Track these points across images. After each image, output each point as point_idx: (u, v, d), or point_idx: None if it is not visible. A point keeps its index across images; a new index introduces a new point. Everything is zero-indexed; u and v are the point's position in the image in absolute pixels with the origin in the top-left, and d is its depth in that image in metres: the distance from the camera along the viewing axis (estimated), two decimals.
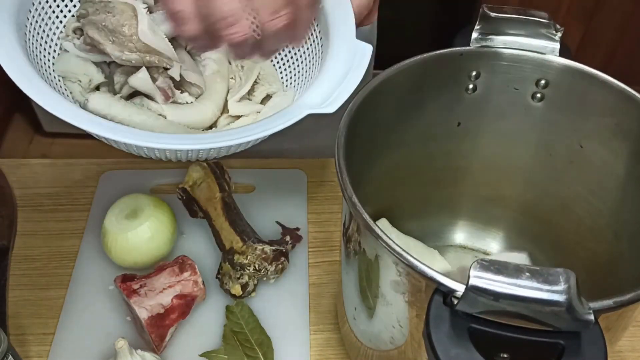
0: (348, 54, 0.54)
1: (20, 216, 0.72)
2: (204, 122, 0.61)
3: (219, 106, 0.63)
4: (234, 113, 0.63)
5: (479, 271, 0.34)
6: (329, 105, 0.50)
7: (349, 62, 0.53)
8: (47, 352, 0.60)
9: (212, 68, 0.64)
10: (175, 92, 0.61)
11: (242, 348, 0.59)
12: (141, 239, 0.63)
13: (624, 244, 0.53)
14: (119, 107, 0.56)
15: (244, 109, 0.63)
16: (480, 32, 0.52)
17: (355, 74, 0.52)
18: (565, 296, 0.32)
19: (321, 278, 0.67)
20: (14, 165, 0.77)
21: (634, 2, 1.73)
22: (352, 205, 0.42)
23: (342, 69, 0.53)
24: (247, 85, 0.64)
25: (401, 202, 0.62)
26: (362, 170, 0.51)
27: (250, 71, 0.65)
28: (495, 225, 0.66)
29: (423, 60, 0.52)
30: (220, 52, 0.63)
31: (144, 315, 0.58)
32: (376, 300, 0.46)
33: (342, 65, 0.54)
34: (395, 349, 0.47)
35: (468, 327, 0.36)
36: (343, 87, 0.51)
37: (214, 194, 0.68)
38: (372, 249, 0.43)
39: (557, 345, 0.35)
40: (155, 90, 0.58)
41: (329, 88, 0.52)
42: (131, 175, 0.76)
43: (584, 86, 0.51)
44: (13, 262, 0.68)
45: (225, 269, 0.63)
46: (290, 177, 0.77)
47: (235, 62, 0.66)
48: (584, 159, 0.55)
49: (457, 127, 0.58)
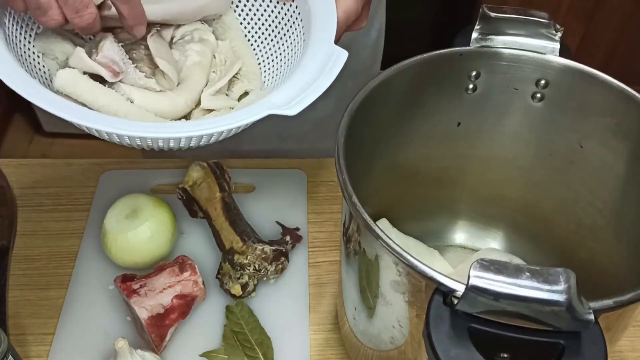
0: (323, 59, 0.53)
1: (20, 216, 0.72)
2: (174, 112, 0.60)
3: (194, 98, 0.62)
4: (206, 106, 0.62)
5: (479, 271, 0.34)
6: (292, 108, 0.49)
7: (322, 67, 0.53)
8: (47, 352, 0.60)
9: (193, 59, 0.63)
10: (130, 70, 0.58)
11: (242, 348, 0.59)
12: (141, 239, 0.63)
13: (624, 244, 0.53)
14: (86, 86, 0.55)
15: (217, 104, 0.62)
16: (480, 32, 0.52)
17: (325, 79, 0.51)
18: (565, 296, 0.32)
19: (321, 278, 0.67)
20: (14, 165, 0.77)
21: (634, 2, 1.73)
22: (352, 205, 0.42)
23: (314, 73, 0.52)
24: (224, 80, 0.63)
25: (401, 202, 0.62)
26: (362, 170, 0.51)
27: (230, 66, 0.64)
28: (495, 225, 0.66)
29: (423, 60, 0.52)
30: (204, 44, 0.63)
31: (144, 315, 0.58)
32: (376, 300, 0.46)
33: (315, 68, 0.53)
34: (395, 349, 0.47)
35: (468, 327, 0.35)
36: (310, 91, 0.50)
37: (214, 194, 0.68)
38: (372, 249, 0.43)
39: (557, 345, 0.35)
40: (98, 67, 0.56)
41: (296, 90, 0.51)
42: (131, 175, 0.76)
43: (584, 86, 0.51)
44: (13, 262, 0.68)
45: (225, 269, 0.63)
46: (290, 177, 0.76)
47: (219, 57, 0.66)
48: (584, 159, 0.55)
49: (457, 127, 0.58)
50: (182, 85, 0.61)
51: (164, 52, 0.61)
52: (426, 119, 0.56)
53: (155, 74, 0.61)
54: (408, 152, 0.58)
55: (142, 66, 0.61)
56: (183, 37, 0.64)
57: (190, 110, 0.61)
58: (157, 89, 0.59)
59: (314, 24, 0.57)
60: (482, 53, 0.52)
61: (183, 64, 0.62)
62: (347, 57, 0.52)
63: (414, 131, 0.57)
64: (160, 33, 0.63)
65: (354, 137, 0.47)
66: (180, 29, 0.64)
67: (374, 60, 0.90)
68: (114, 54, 0.58)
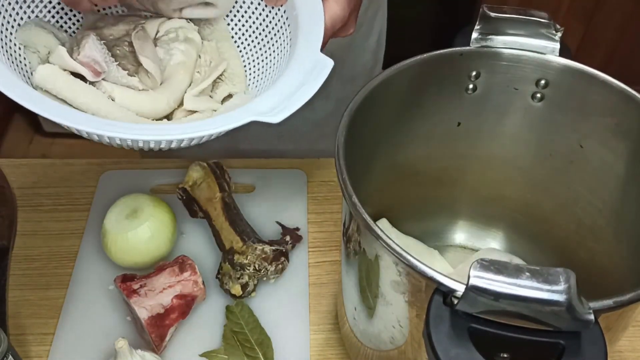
0: (308, 67, 0.53)
1: (20, 216, 0.72)
2: (156, 111, 0.60)
3: (176, 98, 0.61)
4: (189, 107, 0.61)
5: (479, 271, 0.34)
6: (275, 115, 0.49)
7: (307, 74, 0.52)
8: (47, 352, 0.60)
9: (177, 59, 0.62)
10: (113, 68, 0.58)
11: (242, 348, 0.59)
12: (141, 239, 0.63)
13: (624, 244, 0.53)
14: (65, 83, 0.54)
15: (199, 105, 0.61)
16: (480, 32, 0.52)
17: (309, 87, 0.51)
18: (565, 296, 0.32)
19: (321, 278, 0.67)
20: (14, 165, 0.77)
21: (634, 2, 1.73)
22: (352, 205, 0.42)
23: (298, 80, 0.52)
24: (208, 81, 0.63)
25: (401, 202, 0.62)
26: (362, 170, 0.51)
27: (215, 67, 0.64)
28: (495, 225, 0.66)
29: (423, 60, 0.52)
30: (189, 44, 0.63)
31: (144, 315, 0.58)
32: (376, 300, 0.46)
33: (300, 76, 0.52)
34: (395, 349, 0.47)
35: (468, 327, 0.35)
36: (294, 99, 0.50)
37: (214, 194, 0.68)
38: (372, 249, 0.43)
39: (557, 345, 0.35)
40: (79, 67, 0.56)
41: (280, 97, 0.51)
42: (131, 175, 0.76)
43: (584, 86, 0.51)
44: (13, 262, 0.68)
45: (225, 269, 0.63)
46: (290, 177, 0.76)
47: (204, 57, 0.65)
48: (584, 159, 0.55)
49: (457, 127, 0.58)
50: (165, 85, 0.61)
51: (148, 50, 0.61)
52: (426, 119, 0.56)
53: (138, 72, 0.60)
54: (408, 152, 0.58)
55: (126, 64, 0.60)
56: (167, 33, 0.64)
57: (172, 110, 0.61)
58: (140, 88, 0.59)
59: (301, 31, 0.56)
60: (482, 53, 0.52)
61: (167, 62, 0.62)
62: (332, 65, 0.52)
63: (414, 131, 0.56)
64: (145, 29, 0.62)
65: (354, 137, 0.47)
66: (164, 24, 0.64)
67: (375, 63, 0.90)
68: (96, 53, 0.57)
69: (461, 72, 0.54)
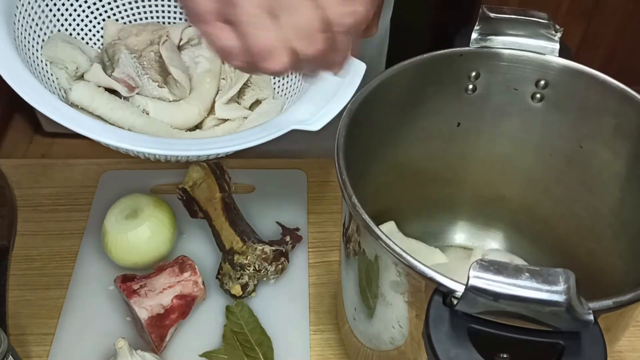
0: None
1: (20, 216, 0.72)
2: (188, 121, 0.60)
3: (206, 106, 0.61)
4: (221, 116, 0.62)
5: (479, 271, 0.34)
6: (315, 123, 0.49)
7: (340, 79, 0.52)
8: (47, 352, 0.60)
9: (204, 66, 0.63)
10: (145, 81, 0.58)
11: (242, 348, 0.59)
12: (141, 239, 0.63)
13: (624, 244, 0.53)
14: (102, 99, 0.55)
15: (231, 113, 0.62)
16: (480, 33, 0.52)
17: (345, 92, 0.51)
18: (565, 296, 0.32)
19: (321, 278, 0.67)
20: (14, 165, 0.77)
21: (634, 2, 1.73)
22: (352, 205, 0.42)
23: (333, 86, 0.52)
24: (236, 88, 0.63)
25: (401, 202, 0.62)
26: (362, 170, 0.51)
27: (241, 73, 0.64)
28: (495, 225, 0.66)
29: (423, 60, 0.52)
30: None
31: (144, 316, 0.58)
32: (376, 300, 0.46)
33: (334, 81, 0.52)
34: (395, 349, 0.47)
35: (468, 327, 0.35)
36: (331, 106, 0.50)
37: (214, 194, 0.68)
38: (372, 249, 0.43)
39: (557, 345, 0.35)
40: (114, 83, 0.57)
41: (317, 104, 0.51)
42: (131, 175, 0.76)
43: (584, 86, 0.51)
44: (13, 262, 0.68)
45: (225, 269, 0.63)
46: (290, 177, 0.77)
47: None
48: (584, 159, 0.55)
49: (457, 127, 0.58)
50: (194, 94, 0.61)
51: (176, 60, 0.61)
52: (426, 119, 0.56)
53: (167, 82, 0.61)
54: (408, 152, 0.58)
55: (153, 74, 0.61)
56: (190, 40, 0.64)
57: (203, 118, 0.61)
58: (171, 99, 0.59)
59: None
60: (482, 53, 0.52)
61: (193, 71, 0.62)
62: (365, 68, 0.52)
63: (414, 131, 0.56)
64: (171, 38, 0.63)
65: (354, 137, 0.47)
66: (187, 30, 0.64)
67: (380, 59, 0.90)
68: (130, 68, 0.58)
69: (461, 73, 0.54)
